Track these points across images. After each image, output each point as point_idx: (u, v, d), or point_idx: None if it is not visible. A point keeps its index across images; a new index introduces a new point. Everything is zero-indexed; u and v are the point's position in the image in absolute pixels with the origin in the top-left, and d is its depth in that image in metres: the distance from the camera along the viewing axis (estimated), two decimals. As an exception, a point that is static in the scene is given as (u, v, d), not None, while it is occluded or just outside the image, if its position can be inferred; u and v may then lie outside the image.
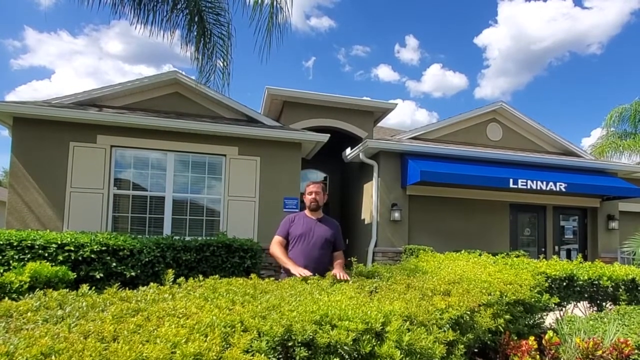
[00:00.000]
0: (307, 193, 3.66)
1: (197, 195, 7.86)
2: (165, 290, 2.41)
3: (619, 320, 3.55)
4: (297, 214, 3.72)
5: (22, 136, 7.04)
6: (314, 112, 9.83)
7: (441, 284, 2.90)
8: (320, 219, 3.66)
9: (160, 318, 1.77)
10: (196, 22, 5.59)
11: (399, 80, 60.63)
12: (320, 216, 3.68)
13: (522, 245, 10.16)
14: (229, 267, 5.72)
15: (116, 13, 6.04)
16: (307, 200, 3.65)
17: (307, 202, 3.66)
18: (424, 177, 8.23)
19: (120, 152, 7.54)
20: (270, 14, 4.94)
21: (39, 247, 4.73)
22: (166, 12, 5.72)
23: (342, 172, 12.02)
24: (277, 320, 1.76)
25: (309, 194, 3.64)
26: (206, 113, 8.46)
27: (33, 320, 1.80)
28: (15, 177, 6.95)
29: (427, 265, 4.22)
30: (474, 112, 10.42)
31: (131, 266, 5.09)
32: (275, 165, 8.12)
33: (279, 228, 3.64)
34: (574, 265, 4.56)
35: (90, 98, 7.77)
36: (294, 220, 3.64)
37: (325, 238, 3.54)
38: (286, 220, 3.68)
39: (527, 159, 9.70)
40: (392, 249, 8.82)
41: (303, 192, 3.77)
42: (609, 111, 15.24)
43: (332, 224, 3.70)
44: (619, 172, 10.50)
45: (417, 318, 2.19)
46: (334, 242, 3.63)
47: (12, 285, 3.81)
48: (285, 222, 3.65)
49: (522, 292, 3.25)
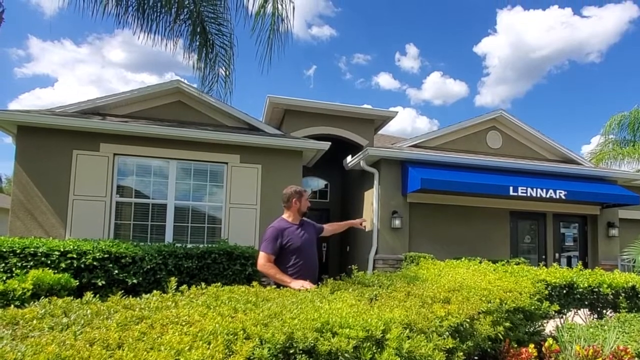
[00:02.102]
0: (303, 199, 3.66)
1: (198, 202, 7.91)
2: (168, 297, 2.43)
3: (619, 327, 3.56)
4: (282, 224, 3.55)
5: (26, 144, 7.10)
6: (315, 120, 9.90)
7: (441, 291, 2.92)
8: (302, 224, 3.66)
9: (164, 326, 1.79)
10: (198, 33, 5.68)
11: (399, 88, 61.02)
12: (299, 220, 3.66)
13: (523, 253, 10.15)
14: (230, 275, 5.74)
15: (120, 23, 6.16)
16: (304, 206, 3.66)
17: (304, 207, 3.66)
18: (425, 184, 8.27)
19: (123, 160, 7.60)
20: (271, 24, 5.02)
21: (42, 254, 4.75)
22: (169, 22, 5.81)
23: (343, 180, 12.06)
24: (278, 328, 1.79)
25: (305, 199, 3.68)
26: (208, 121, 8.53)
27: (39, 327, 1.82)
28: (19, 184, 7.00)
29: (428, 273, 4.23)
30: (474, 120, 10.48)
31: (133, 273, 5.11)
32: (276, 173, 8.17)
33: (267, 243, 3.42)
34: (574, 273, 4.57)
35: (94, 106, 7.85)
36: (283, 232, 3.47)
37: (314, 242, 3.67)
38: (274, 233, 3.45)
39: (526, 166, 9.74)
40: (392, 256, 8.83)
41: (295, 197, 3.62)
42: (608, 119, 15.35)
43: (309, 224, 3.76)
44: (618, 179, 10.53)
45: (417, 325, 2.21)
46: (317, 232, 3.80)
47: (14, 293, 3.82)
48: (274, 235, 3.44)
49: (521, 299, 3.27)
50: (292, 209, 3.61)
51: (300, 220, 3.65)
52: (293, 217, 3.61)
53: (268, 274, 3.39)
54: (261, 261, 3.42)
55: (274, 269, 3.37)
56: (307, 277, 3.31)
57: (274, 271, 3.36)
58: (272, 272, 3.36)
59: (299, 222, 3.62)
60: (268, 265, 3.39)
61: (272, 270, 3.37)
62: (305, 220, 3.75)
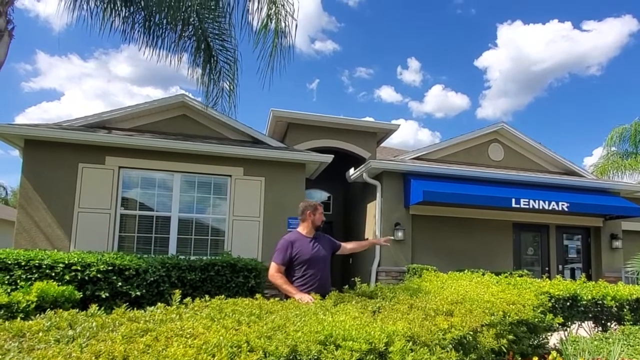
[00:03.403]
0: (318, 212, 3.70)
1: (202, 215, 7.94)
2: (173, 310, 2.44)
3: (624, 340, 3.55)
4: (294, 236, 3.62)
5: (33, 157, 7.19)
6: (318, 133, 9.97)
7: (444, 304, 2.92)
8: (317, 237, 3.69)
9: (168, 338, 1.81)
10: (202, 49, 5.79)
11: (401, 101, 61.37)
12: (314, 234, 3.70)
13: (526, 265, 10.09)
14: (234, 287, 5.74)
15: (126, 39, 6.29)
16: (318, 219, 3.69)
17: (317, 221, 3.68)
18: (427, 197, 8.29)
19: (128, 172, 7.67)
20: (273, 40, 5.12)
21: (47, 266, 4.79)
22: (174, 38, 5.93)
23: (345, 192, 12.09)
24: (282, 341, 1.80)
25: (320, 213, 3.71)
26: (212, 134, 8.62)
27: (45, 340, 1.84)
28: (25, 197, 7.07)
29: (430, 285, 4.23)
30: (476, 133, 10.53)
31: (136, 286, 5.13)
32: (279, 186, 8.21)
33: (278, 254, 3.50)
34: (577, 285, 4.56)
35: (100, 120, 7.95)
36: (293, 243, 3.53)
37: (326, 257, 3.65)
38: (285, 244, 3.53)
39: (528, 178, 9.75)
40: (395, 268, 8.80)
41: (309, 210, 3.69)
42: (610, 131, 15.40)
43: (326, 239, 3.79)
44: (621, 191, 10.51)
45: (420, 338, 2.21)
46: (333, 248, 3.79)
47: (19, 305, 3.84)
48: (284, 246, 3.51)
49: (525, 312, 3.26)
50: (307, 221, 3.68)
51: (315, 233, 3.69)
52: (307, 230, 3.66)
53: (276, 284, 3.45)
54: (271, 271, 3.50)
55: (282, 279, 3.43)
56: (316, 290, 3.28)
57: (282, 281, 3.42)
58: (279, 282, 3.42)
59: (313, 235, 3.66)
60: (277, 276, 3.45)
61: (280, 281, 3.42)
62: (321, 235, 3.77)
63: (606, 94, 44.03)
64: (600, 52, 46.24)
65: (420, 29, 46.27)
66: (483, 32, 47.75)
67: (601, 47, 45.11)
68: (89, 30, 6.11)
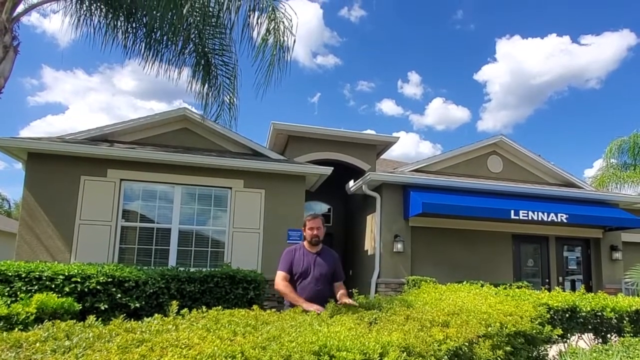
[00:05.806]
0: (307, 228, 3.61)
1: (202, 227, 7.97)
2: (169, 321, 2.46)
3: (624, 352, 3.52)
4: (297, 247, 3.67)
5: (36, 170, 7.26)
6: (318, 145, 10.05)
7: (440, 315, 2.93)
8: (320, 253, 3.64)
9: (163, 349, 1.82)
10: (202, 65, 5.89)
11: (402, 114, 61.62)
12: (319, 249, 3.66)
13: (526, 276, 10.05)
14: (233, 299, 5.74)
15: (127, 54, 6.42)
16: (309, 235, 3.61)
17: (308, 237, 3.61)
18: (426, 208, 8.31)
19: (129, 185, 7.72)
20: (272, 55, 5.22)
21: (47, 278, 4.81)
22: (174, 54, 6.05)
23: (345, 204, 12.11)
24: (276, 351, 1.82)
25: (309, 229, 3.59)
26: (213, 147, 8.69)
27: (42, 350, 1.86)
28: (27, 209, 7.12)
29: (429, 297, 4.23)
30: (475, 145, 10.59)
31: (136, 297, 5.13)
32: (279, 198, 8.25)
33: (282, 263, 3.58)
34: (576, 297, 4.54)
35: (103, 134, 8.04)
36: (294, 254, 3.59)
37: (325, 274, 3.57)
38: (287, 254, 3.62)
39: (528, 190, 9.77)
40: (395, 280, 8.78)
41: (303, 225, 3.72)
42: (609, 143, 15.45)
43: (331, 256, 3.70)
44: (620, 203, 10.50)
45: (415, 349, 2.22)
46: (334, 274, 3.66)
47: (18, 317, 3.85)
48: (287, 256, 3.60)
49: (522, 323, 3.25)
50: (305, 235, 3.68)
51: (318, 248, 3.65)
52: (307, 244, 3.66)
53: (282, 293, 3.47)
54: (277, 279, 3.53)
55: (287, 287, 3.45)
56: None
57: (288, 290, 3.43)
58: (286, 290, 3.44)
59: (316, 250, 3.63)
60: (283, 284, 3.47)
61: (286, 289, 3.44)
62: (327, 251, 3.71)
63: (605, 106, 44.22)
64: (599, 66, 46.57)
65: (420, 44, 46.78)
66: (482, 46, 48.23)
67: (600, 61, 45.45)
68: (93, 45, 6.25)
